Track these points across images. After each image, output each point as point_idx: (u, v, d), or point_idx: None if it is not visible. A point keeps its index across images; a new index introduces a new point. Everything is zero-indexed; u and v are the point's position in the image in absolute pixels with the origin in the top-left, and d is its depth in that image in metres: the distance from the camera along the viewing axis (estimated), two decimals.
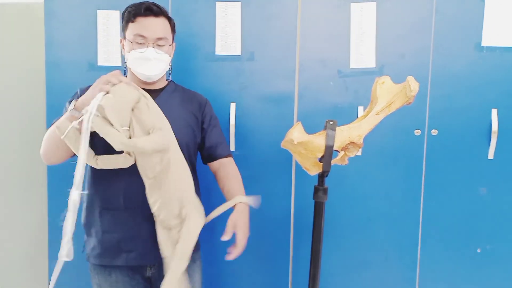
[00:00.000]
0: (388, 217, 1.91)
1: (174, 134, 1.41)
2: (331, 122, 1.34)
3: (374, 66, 1.85)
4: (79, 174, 1.22)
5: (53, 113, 1.90)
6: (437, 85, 1.84)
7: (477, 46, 1.82)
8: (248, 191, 1.92)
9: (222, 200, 1.90)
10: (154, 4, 1.47)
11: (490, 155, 1.85)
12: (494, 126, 1.82)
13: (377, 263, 1.94)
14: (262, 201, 1.92)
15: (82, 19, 1.88)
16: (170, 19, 1.53)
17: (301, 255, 1.94)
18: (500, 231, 1.89)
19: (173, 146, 1.37)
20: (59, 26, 1.88)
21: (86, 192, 1.53)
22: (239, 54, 1.87)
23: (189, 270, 1.57)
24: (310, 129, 1.38)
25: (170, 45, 1.52)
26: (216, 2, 1.85)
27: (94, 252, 1.49)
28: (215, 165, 1.62)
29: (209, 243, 1.68)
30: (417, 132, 1.86)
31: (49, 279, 1.96)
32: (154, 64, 1.47)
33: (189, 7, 1.86)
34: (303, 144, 1.34)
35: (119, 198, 1.44)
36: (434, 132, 1.86)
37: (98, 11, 1.88)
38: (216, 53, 1.88)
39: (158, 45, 1.46)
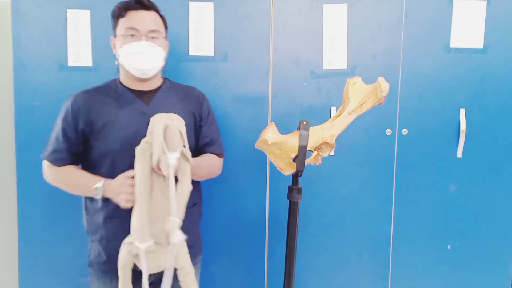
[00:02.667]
0: (361, 215, 1.94)
1: None
2: (305, 123, 1.35)
3: (346, 67, 1.88)
4: None
5: (22, 114, 1.85)
6: (407, 85, 1.88)
7: (446, 47, 1.87)
8: (223, 192, 1.92)
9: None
10: None
11: (459, 154, 1.90)
12: (462, 126, 1.87)
13: (351, 261, 1.96)
14: (237, 201, 1.93)
15: (51, 18, 1.84)
16: (161, 16, 1.52)
17: (276, 254, 1.95)
18: (469, 228, 1.95)
19: None
20: (27, 26, 1.84)
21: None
22: (213, 54, 1.87)
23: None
24: (284, 130, 1.39)
25: (164, 37, 1.50)
26: (189, 2, 1.84)
27: (98, 259, 1.47)
28: None
29: None
30: (388, 132, 1.90)
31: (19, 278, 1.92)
32: (148, 57, 1.44)
33: (161, 6, 1.83)
34: (277, 145, 1.35)
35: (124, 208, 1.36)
36: (405, 131, 1.90)
37: (67, 10, 1.84)
38: (189, 54, 1.86)
39: (151, 37, 1.44)
